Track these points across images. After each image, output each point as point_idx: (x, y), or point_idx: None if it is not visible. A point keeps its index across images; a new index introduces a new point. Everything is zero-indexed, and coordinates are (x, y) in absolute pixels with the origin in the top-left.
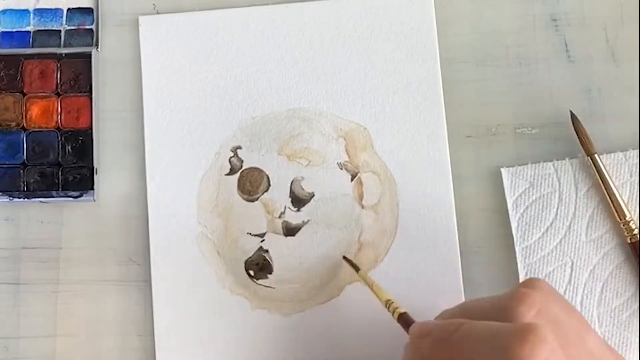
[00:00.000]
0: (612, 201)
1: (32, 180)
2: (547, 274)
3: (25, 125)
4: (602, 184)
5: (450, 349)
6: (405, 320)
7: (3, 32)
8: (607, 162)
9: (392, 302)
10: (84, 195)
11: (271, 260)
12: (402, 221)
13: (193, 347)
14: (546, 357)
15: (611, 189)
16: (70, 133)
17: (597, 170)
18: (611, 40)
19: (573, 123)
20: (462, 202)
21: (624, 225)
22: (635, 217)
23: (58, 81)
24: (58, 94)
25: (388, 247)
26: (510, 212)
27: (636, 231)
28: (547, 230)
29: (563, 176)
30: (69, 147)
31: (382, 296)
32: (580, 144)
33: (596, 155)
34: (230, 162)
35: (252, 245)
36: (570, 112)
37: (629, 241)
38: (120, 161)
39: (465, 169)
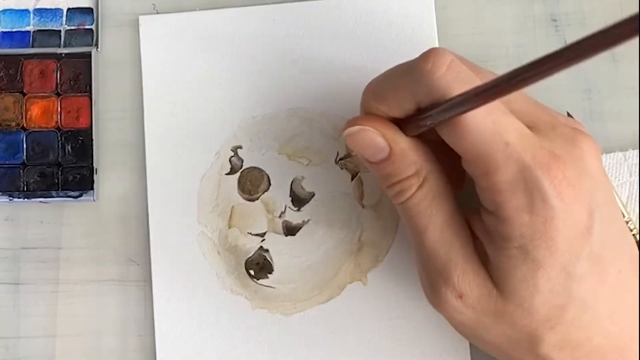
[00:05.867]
0: None
1: (32, 180)
2: None
3: (25, 125)
4: None
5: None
6: None
7: (3, 32)
8: (606, 162)
9: None
10: (84, 195)
11: (271, 260)
12: (402, 221)
13: (193, 347)
14: (446, 67)
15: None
16: (70, 133)
17: None
18: None
19: None
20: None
21: None
22: (635, 218)
23: (58, 81)
24: (58, 94)
25: (388, 246)
26: None
27: (635, 231)
28: None
29: None
30: (69, 147)
31: None
32: None
33: None
34: (230, 161)
35: (253, 245)
36: (567, 113)
37: None
38: (120, 161)
39: None
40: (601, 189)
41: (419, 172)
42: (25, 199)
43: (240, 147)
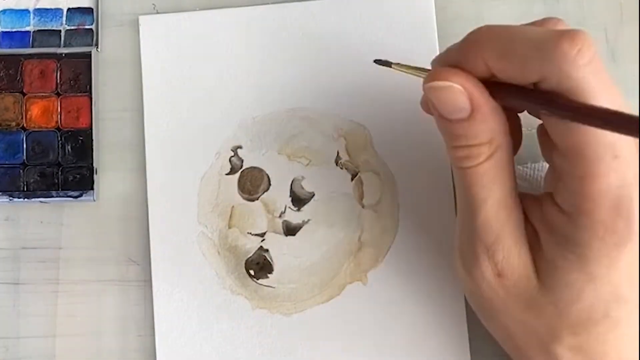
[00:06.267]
0: None
1: (32, 180)
2: None
3: (25, 125)
4: None
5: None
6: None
7: (3, 32)
8: None
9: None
10: (84, 195)
11: (271, 260)
12: (402, 221)
13: (193, 347)
14: (590, 58)
15: None
16: (70, 133)
17: None
18: (611, 40)
19: None
20: None
21: None
22: None
23: (58, 81)
24: (58, 94)
25: (388, 246)
26: None
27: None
28: None
29: None
30: (69, 147)
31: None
32: None
33: None
34: (230, 161)
35: (253, 245)
36: None
37: None
38: (120, 161)
39: None
40: None
41: (492, 141)
42: (25, 199)
43: (240, 147)
